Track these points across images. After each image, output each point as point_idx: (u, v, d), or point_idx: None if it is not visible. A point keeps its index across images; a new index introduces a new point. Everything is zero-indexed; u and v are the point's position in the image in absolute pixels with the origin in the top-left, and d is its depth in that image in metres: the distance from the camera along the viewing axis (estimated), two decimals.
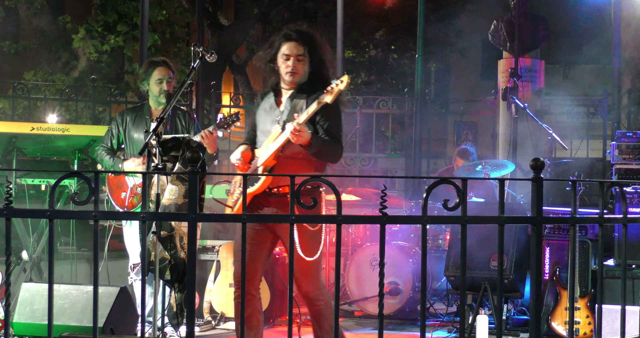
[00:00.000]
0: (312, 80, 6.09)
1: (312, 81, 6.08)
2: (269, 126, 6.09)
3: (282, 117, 6.03)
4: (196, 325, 7.74)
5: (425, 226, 4.78)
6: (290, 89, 6.11)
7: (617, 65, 13.89)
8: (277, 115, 6.08)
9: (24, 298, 7.45)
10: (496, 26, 13.90)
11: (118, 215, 7.85)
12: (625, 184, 8.00)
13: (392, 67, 23.53)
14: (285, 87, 6.13)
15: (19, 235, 8.57)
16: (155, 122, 5.99)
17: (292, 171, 5.85)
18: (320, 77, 6.08)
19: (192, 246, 4.64)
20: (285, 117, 5.99)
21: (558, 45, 22.38)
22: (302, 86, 6.08)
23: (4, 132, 8.24)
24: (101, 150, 8.00)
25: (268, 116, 6.14)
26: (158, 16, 20.28)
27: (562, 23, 22.31)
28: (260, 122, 6.19)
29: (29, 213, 7.31)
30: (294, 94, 6.06)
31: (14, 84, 12.73)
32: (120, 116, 8.12)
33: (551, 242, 8.62)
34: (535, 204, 5.02)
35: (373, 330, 8.58)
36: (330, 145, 5.95)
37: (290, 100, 6.07)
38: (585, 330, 7.81)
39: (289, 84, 6.08)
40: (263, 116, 6.17)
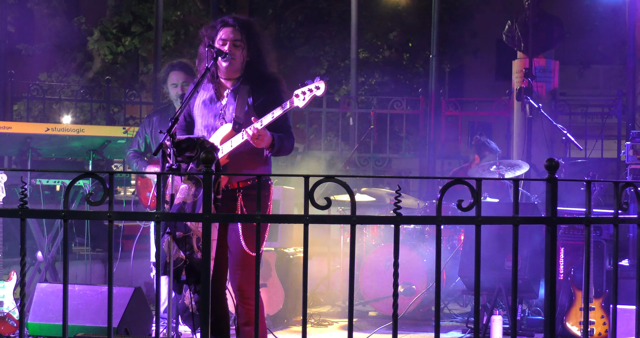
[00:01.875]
0: (251, 71, 6.04)
1: (251, 72, 6.03)
2: (212, 121, 6.02)
3: (226, 112, 5.98)
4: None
5: (439, 226, 4.77)
6: (229, 80, 6.06)
7: (631, 65, 13.85)
8: (220, 109, 6.02)
9: (39, 299, 7.47)
10: (510, 26, 13.88)
11: (132, 215, 7.86)
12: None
13: (406, 68, 23.51)
14: (224, 79, 6.07)
15: (33, 236, 8.59)
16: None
17: (245, 167, 5.86)
18: (257, 66, 6.04)
19: (206, 247, 4.64)
20: (231, 111, 5.95)
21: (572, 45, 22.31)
22: (243, 78, 6.03)
23: (19, 133, 8.26)
24: (129, 153, 8.05)
25: (209, 109, 6.06)
26: (172, 17, 20.31)
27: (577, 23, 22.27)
28: (200, 116, 6.09)
29: (43, 214, 7.33)
30: (237, 88, 6.01)
31: (29, 85, 12.78)
32: (148, 117, 8.18)
33: (566, 242, 8.61)
34: (549, 205, 5.00)
35: (387, 330, 8.58)
36: (287, 141, 5.93)
37: (233, 94, 6.01)
38: (600, 331, 7.79)
39: (227, 74, 6.02)
40: (203, 109, 6.08)
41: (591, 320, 7.75)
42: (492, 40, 25.45)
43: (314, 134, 19.00)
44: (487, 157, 10.38)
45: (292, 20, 22.82)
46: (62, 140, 8.42)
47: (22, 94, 12.83)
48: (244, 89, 5.97)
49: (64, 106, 15.66)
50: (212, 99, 6.05)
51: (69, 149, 8.71)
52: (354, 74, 15.55)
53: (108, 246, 4.63)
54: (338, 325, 9.19)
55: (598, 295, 7.83)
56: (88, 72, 21.07)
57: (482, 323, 8.02)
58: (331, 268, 10.62)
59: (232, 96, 5.99)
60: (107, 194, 4.58)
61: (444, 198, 4.72)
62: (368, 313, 9.66)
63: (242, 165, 5.86)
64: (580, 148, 10.36)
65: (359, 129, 14.20)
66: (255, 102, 5.93)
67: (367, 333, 8.62)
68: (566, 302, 8.09)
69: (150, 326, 7.50)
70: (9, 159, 10.79)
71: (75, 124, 12.40)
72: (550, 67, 13.71)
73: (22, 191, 4.70)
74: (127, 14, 20.72)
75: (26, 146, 8.32)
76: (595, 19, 22.54)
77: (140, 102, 13.24)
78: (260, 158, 5.98)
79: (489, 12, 23.47)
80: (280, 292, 8.74)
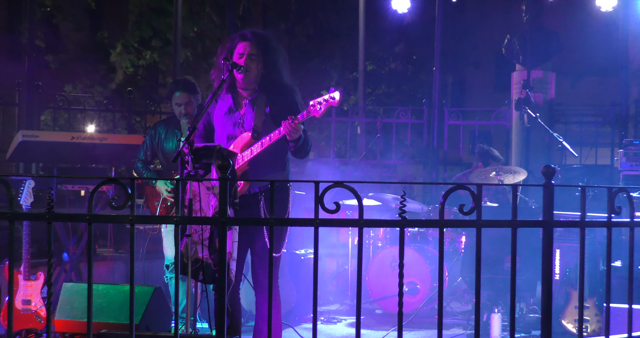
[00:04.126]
0: (268, 82, 6.05)
1: (267, 83, 6.05)
2: (232, 130, 6.04)
3: (245, 121, 6.00)
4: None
5: (442, 229, 4.78)
6: (247, 90, 6.08)
7: (624, 77, 13.85)
8: (239, 118, 6.04)
9: (65, 297, 7.48)
10: (509, 40, 13.89)
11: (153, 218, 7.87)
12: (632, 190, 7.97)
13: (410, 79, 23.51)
14: (242, 89, 6.09)
15: (59, 238, 8.62)
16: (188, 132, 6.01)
17: (265, 173, 5.87)
18: (273, 78, 6.05)
19: (222, 249, 4.66)
20: (249, 120, 5.97)
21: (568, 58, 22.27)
22: (260, 88, 6.05)
23: (46, 141, 8.29)
24: (137, 163, 8.06)
25: (228, 119, 6.08)
26: (190, 33, 20.35)
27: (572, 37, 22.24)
28: (221, 125, 6.11)
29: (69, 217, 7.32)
30: (254, 100, 6.03)
31: (56, 96, 12.81)
32: (153, 128, 8.16)
33: (562, 245, 8.61)
34: (546, 209, 5.01)
35: (392, 327, 8.58)
36: (308, 142, 5.95)
37: (251, 104, 6.03)
38: (594, 328, 7.78)
39: (243, 85, 6.04)
40: (223, 118, 6.11)
41: (586, 318, 7.74)
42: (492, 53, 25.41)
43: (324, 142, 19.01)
44: (492, 164, 10.39)
45: (303, 34, 22.84)
46: (87, 148, 8.44)
47: (49, 104, 12.86)
48: (261, 99, 6.00)
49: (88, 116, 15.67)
50: (232, 109, 6.07)
51: (93, 156, 8.73)
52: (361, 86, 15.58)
53: (130, 248, 4.64)
54: (346, 322, 9.19)
55: (592, 295, 7.82)
56: (111, 84, 21.12)
57: (482, 320, 8.02)
58: (340, 269, 10.63)
59: (250, 106, 6.01)
60: (129, 199, 4.60)
61: (446, 202, 4.74)
62: (375, 311, 9.66)
63: (261, 171, 5.88)
64: (575, 155, 10.36)
65: (367, 137, 14.21)
66: (272, 111, 5.95)
67: (373, 330, 8.63)
68: (562, 301, 8.08)
69: (170, 323, 7.51)
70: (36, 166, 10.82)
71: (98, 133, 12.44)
72: (547, 79, 13.72)
73: (49, 196, 4.72)
74: (147, 29, 20.76)
75: (53, 153, 8.35)
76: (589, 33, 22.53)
77: (159, 112, 13.29)
78: (279, 165, 6.00)
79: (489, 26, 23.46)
80: (292, 291, 8.75)
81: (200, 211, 5.63)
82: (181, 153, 5.61)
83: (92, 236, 4.81)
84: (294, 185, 6.12)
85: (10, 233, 4.87)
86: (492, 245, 8.01)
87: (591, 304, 7.80)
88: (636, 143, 9.60)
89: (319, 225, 4.64)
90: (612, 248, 5.34)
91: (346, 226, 8.42)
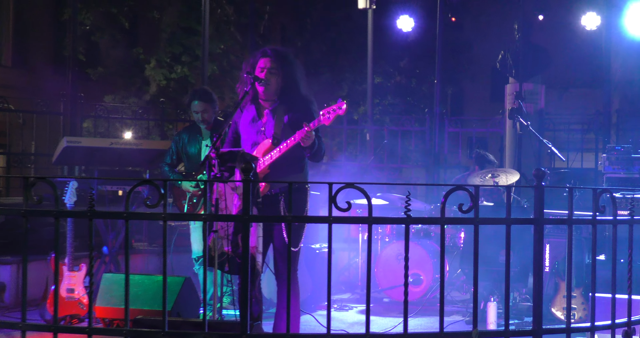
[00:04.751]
0: (287, 93, 6.04)
1: (286, 95, 6.04)
2: (255, 137, 6.04)
3: (266, 129, 5.99)
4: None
5: (443, 226, 4.78)
6: (267, 101, 6.07)
7: (607, 89, 13.80)
8: (261, 126, 6.03)
9: (105, 287, 7.50)
10: (503, 56, 13.86)
11: (184, 216, 7.90)
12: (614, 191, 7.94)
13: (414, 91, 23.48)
14: (263, 100, 6.08)
15: (99, 233, 8.63)
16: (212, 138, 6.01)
17: (284, 175, 5.86)
18: (291, 90, 6.05)
19: (245, 243, 4.66)
20: (270, 129, 5.96)
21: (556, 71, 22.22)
22: (280, 99, 6.04)
23: (87, 146, 8.30)
24: (164, 167, 8.06)
25: (252, 127, 6.08)
26: (216, 49, 20.38)
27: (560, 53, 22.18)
28: (245, 133, 6.12)
29: (108, 215, 7.36)
30: (274, 110, 6.03)
31: (96, 106, 12.83)
32: (177, 135, 8.16)
33: (551, 240, 8.57)
34: (537, 208, 4.99)
35: (399, 314, 8.56)
36: (322, 148, 5.93)
37: (272, 113, 6.03)
38: (581, 315, 7.75)
39: (264, 96, 6.03)
40: (247, 127, 6.10)
41: (573, 307, 7.71)
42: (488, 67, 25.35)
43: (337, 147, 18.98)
44: (486, 168, 10.35)
45: (317, 51, 22.83)
46: (124, 152, 8.45)
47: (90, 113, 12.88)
48: (280, 109, 6.00)
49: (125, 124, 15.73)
50: (255, 118, 6.07)
51: (130, 160, 8.74)
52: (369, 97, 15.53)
53: (163, 243, 4.65)
54: (357, 309, 9.18)
55: (579, 285, 7.78)
56: (145, 95, 21.14)
57: (479, 308, 8.00)
58: (351, 261, 10.61)
59: (270, 115, 6.01)
60: (161, 199, 4.60)
61: (447, 201, 4.73)
62: (382, 300, 9.64)
63: (281, 174, 5.87)
64: (563, 159, 10.33)
65: (375, 143, 14.19)
66: (290, 119, 5.94)
67: (382, 317, 8.62)
68: (551, 291, 8.04)
69: (199, 309, 7.52)
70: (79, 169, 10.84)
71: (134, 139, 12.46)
72: (537, 91, 13.67)
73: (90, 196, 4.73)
74: (178, 46, 20.79)
75: (93, 157, 8.36)
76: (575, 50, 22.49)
77: (189, 120, 13.25)
78: (296, 168, 5.99)
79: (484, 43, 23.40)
80: (308, 282, 8.74)
81: (225, 209, 5.63)
82: (208, 158, 5.62)
83: (128, 232, 4.82)
84: (310, 186, 6.09)
85: (56, 229, 4.88)
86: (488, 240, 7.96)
87: (578, 294, 7.77)
88: (618, 148, 9.56)
89: (333, 222, 4.64)
90: (596, 243, 5.32)
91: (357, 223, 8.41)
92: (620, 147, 9.59)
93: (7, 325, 5.38)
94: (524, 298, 8.71)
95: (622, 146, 9.62)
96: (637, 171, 9.43)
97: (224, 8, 20.96)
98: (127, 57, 21.79)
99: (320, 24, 22.76)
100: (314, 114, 5.94)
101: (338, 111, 5.63)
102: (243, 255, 4.65)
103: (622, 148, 9.57)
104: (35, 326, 5.04)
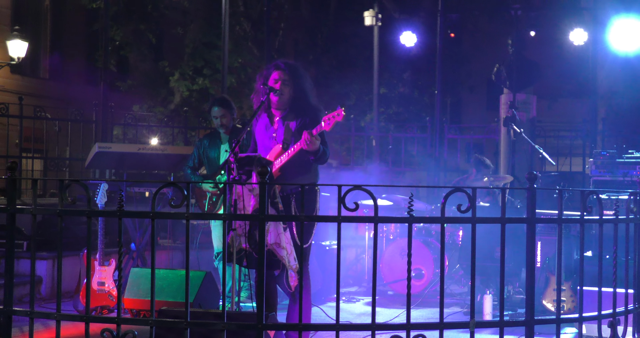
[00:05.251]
0: (296, 103, 6.03)
1: (296, 104, 6.02)
2: (267, 142, 6.03)
3: (277, 135, 6.00)
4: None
5: (443, 225, 4.77)
6: (279, 109, 6.06)
7: (593, 99, 13.77)
8: (273, 132, 6.03)
9: (132, 280, 7.51)
10: (498, 69, 13.83)
11: (205, 215, 7.89)
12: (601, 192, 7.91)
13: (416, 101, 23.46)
14: (275, 109, 6.07)
15: (128, 231, 8.64)
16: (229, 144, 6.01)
17: (294, 177, 5.84)
18: (301, 99, 6.03)
19: (261, 241, 4.65)
20: (281, 135, 5.96)
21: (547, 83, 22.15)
22: (290, 108, 6.02)
23: (117, 151, 8.31)
24: (187, 170, 8.07)
25: (265, 134, 6.07)
26: (235, 63, 20.41)
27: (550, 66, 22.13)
28: (260, 139, 6.12)
29: (136, 214, 7.37)
30: (284, 118, 6.02)
31: (125, 114, 12.86)
32: (199, 141, 8.17)
33: (543, 238, 8.54)
34: (530, 208, 4.98)
35: (402, 305, 8.54)
36: (326, 153, 5.92)
37: (282, 121, 6.03)
38: (569, 307, 7.71)
39: (277, 105, 6.02)
40: (261, 133, 6.10)
41: (562, 299, 7.67)
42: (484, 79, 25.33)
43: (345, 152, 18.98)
44: (483, 171, 10.32)
45: (327, 64, 22.83)
46: (150, 157, 8.45)
47: (119, 121, 12.91)
48: (290, 117, 5.99)
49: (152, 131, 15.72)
50: (267, 126, 6.07)
51: (156, 164, 8.75)
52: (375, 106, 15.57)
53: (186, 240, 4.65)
54: (364, 301, 9.16)
55: (568, 279, 7.75)
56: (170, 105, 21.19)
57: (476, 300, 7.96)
58: (358, 257, 10.60)
59: (281, 123, 6.00)
60: (184, 199, 4.60)
61: (447, 202, 4.72)
62: (387, 292, 9.62)
63: (291, 176, 5.86)
64: (553, 163, 10.28)
65: (380, 148, 14.19)
66: (298, 126, 5.93)
67: (386, 308, 8.60)
68: (543, 285, 8.01)
69: (218, 301, 7.51)
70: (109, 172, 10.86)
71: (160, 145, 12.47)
72: (529, 101, 13.65)
73: (120, 197, 4.73)
74: (200, 60, 20.84)
75: (123, 161, 8.37)
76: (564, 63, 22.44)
77: (210, 127, 13.32)
78: (306, 171, 5.97)
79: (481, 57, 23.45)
80: (318, 276, 8.73)
81: (243, 209, 5.63)
82: (228, 162, 5.62)
83: (154, 230, 4.82)
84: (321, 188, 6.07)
85: (88, 227, 4.88)
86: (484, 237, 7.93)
87: (567, 287, 7.74)
88: (604, 153, 9.54)
89: (341, 221, 4.63)
90: (584, 241, 5.30)
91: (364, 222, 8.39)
92: (605, 152, 9.57)
93: (43, 315, 5.40)
94: (518, 291, 8.67)
95: (608, 152, 9.59)
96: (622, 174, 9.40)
97: (242, 25, 21.00)
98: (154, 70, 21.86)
99: (330, 39, 22.78)
100: (319, 121, 5.93)
101: (337, 118, 5.63)
102: (259, 251, 4.65)
103: (607, 153, 9.54)
104: (69, 316, 5.05)
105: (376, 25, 16.64)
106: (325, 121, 5.66)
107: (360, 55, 22.52)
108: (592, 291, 5.85)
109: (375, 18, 16.83)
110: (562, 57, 22.14)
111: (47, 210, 5.49)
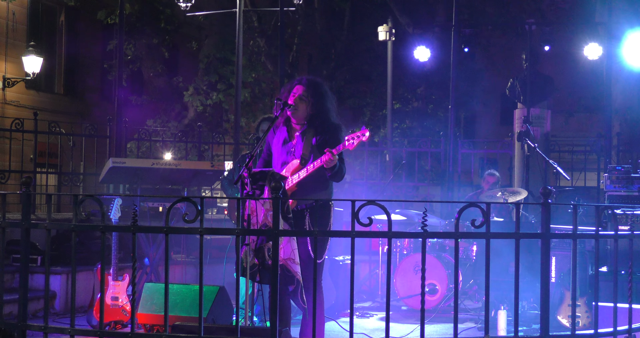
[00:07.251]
0: (316, 119, 6.04)
1: (315, 120, 6.03)
2: (285, 157, 6.04)
3: (296, 150, 6.00)
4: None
5: (457, 240, 4.76)
6: (298, 124, 6.07)
7: (608, 113, 13.73)
8: (291, 147, 6.04)
9: (146, 295, 7.51)
10: (512, 83, 13.83)
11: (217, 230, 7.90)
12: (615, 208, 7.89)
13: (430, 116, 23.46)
14: (294, 124, 6.09)
15: (142, 246, 8.65)
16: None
17: (310, 193, 5.83)
18: (321, 116, 6.04)
19: (275, 256, 4.66)
20: (299, 150, 5.97)
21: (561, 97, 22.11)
22: (309, 124, 6.03)
23: (131, 166, 8.33)
24: (224, 181, 8.20)
25: (283, 148, 6.08)
26: (249, 78, 20.47)
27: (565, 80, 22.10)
28: (277, 153, 6.12)
29: (150, 229, 7.39)
30: (304, 133, 6.04)
31: (139, 129, 12.90)
32: (242, 156, 8.37)
33: (557, 253, 8.51)
34: (544, 223, 4.97)
35: (416, 320, 8.51)
36: (342, 169, 5.92)
37: (301, 136, 6.04)
38: (584, 323, 7.67)
39: (294, 120, 6.03)
40: (279, 147, 6.11)
41: (577, 315, 7.63)
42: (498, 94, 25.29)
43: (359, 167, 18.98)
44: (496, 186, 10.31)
45: (341, 78, 22.88)
46: (164, 172, 8.48)
47: (133, 135, 12.96)
48: (309, 133, 6.00)
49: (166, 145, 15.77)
50: (286, 140, 6.09)
51: (169, 179, 8.77)
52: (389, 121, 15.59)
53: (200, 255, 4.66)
54: (377, 316, 9.13)
55: (583, 295, 7.72)
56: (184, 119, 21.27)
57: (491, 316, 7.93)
58: (372, 272, 10.58)
59: (300, 138, 6.02)
60: (198, 215, 4.62)
61: (461, 217, 4.71)
62: (401, 308, 9.59)
63: (307, 191, 5.86)
64: (568, 178, 10.26)
65: (394, 163, 14.19)
66: (318, 142, 5.94)
67: (400, 323, 8.58)
68: (557, 300, 7.98)
69: (232, 316, 7.51)
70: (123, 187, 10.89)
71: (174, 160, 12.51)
72: (543, 115, 13.62)
73: (134, 212, 4.75)
74: (214, 75, 20.93)
75: (137, 176, 8.39)
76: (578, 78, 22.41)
77: (224, 142, 13.36)
78: (321, 186, 5.97)
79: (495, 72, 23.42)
80: (332, 291, 8.72)
81: (257, 224, 5.63)
82: (241, 177, 5.63)
83: (168, 245, 4.83)
84: (334, 203, 6.08)
85: (102, 242, 4.90)
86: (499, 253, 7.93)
87: (582, 303, 7.70)
88: (619, 168, 9.50)
89: (355, 236, 4.64)
90: (599, 256, 5.28)
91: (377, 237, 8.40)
92: (620, 167, 9.53)
93: (57, 330, 5.41)
94: (532, 307, 8.64)
95: (623, 166, 9.55)
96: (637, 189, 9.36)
97: (256, 40, 21.08)
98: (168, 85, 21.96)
99: (344, 54, 22.83)
100: (340, 139, 5.93)
101: (362, 138, 5.65)
102: (272, 267, 4.65)
103: (622, 168, 9.51)
104: (83, 331, 5.07)
105: (390, 40, 16.69)
106: (349, 140, 5.67)
107: (373, 70, 22.57)
108: (608, 307, 5.82)
109: (389, 33, 16.90)
110: (577, 72, 22.12)
111: (61, 225, 5.53)
